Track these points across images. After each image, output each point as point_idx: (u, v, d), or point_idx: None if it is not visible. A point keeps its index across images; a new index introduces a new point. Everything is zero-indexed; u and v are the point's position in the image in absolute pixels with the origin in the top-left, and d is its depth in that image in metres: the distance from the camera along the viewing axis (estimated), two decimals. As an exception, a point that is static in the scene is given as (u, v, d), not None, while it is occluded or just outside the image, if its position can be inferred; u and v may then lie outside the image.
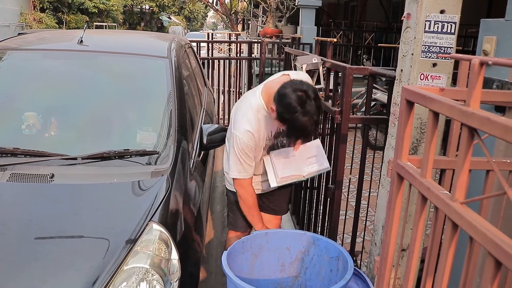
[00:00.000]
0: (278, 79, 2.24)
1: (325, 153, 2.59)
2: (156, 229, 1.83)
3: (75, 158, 2.11)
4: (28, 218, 1.82)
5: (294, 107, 1.95)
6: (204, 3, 16.20)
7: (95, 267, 1.64)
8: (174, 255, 1.83)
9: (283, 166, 2.34)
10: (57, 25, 18.05)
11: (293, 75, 2.27)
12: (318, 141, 2.45)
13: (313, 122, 2.00)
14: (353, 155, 2.70)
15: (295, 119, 1.97)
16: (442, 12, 1.63)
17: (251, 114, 2.19)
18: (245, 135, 2.16)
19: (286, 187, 2.59)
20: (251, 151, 2.22)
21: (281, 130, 2.32)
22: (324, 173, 2.73)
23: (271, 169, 2.34)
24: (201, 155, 2.70)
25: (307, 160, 2.38)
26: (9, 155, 2.13)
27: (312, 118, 1.98)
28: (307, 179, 2.48)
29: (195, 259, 2.12)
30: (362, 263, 2.85)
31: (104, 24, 21.82)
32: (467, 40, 8.99)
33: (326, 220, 2.75)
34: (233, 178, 2.31)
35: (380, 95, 5.92)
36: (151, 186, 2.03)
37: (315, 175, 2.47)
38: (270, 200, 2.62)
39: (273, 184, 2.33)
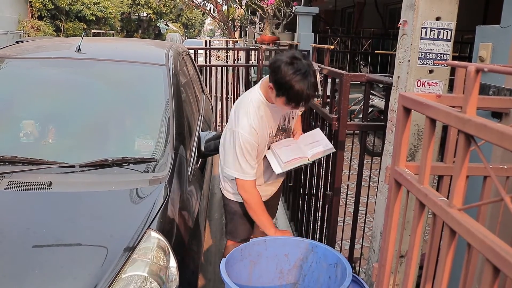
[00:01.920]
0: None
1: (323, 160, 2.59)
2: (154, 236, 1.83)
3: (73, 166, 2.11)
4: (26, 226, 1.81)
5: (284, 68, 1.99)
6: (201, 10, 16.26)
7: (93, 275, 1.63)
8: (172, 263, 1.83)
9: (285, 152, 2.29)
10: (55, 33, 18.09)
11: None
12: (318, 129, 2.45)
13: (308, 82, 2.00)
14: (350, 162, 2.71)
15: (288, 80, 1.98)
16: (438, 19, 1.64)
17: (252, 111, 2.17)
18: (248, 132, 2.14)
19: (277, 197, 2.61)
20: (253, 149, 2.18)
21: (280, 127, 2.32)
22: (322, 180, 2.73)
23: (274, 158, 2.29)
24: (199, 162, 2.70)
25: (310, 145, 2.33)
26: (7, 163, 2.13)
27: (306, 77, 1.99)
28: (313, 161, 2.38)
29: (194, 266, 2.11)
30: (360, 269, 2.84)
31: (102, 31, 21.87)
32: (464, 46, 9.04)
33: (325, 226, 2.75)
34: (236, 183, 2.26)
35: (377, 102, 5.94)
36: (149, 193, 2.03)
37: (320, 156, 2.38)
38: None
39: (278, 170, 2.26)
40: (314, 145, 2.34)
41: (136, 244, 1.77)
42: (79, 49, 2.82)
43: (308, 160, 2.29)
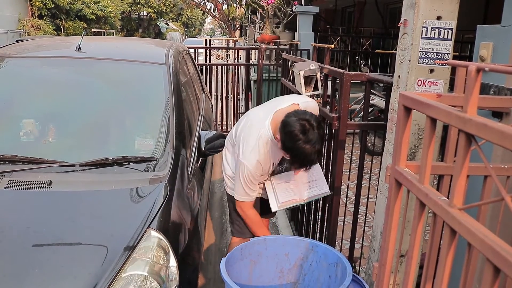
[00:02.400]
0: (286, 108, 2.26)
1: (323, 158, 2.59)
2: (155, 236, 1.83)
3: (73, 165, 2.11)
4: (26, 226, 1.81)
5: (296, 135, 2.01)
6: (201, 10, 16.25)
7: (93, 274, 1.63)
8: (173, 262, 1.83)
9: (283, 191, 2.42)
10: (55, 32, 18.08)
11: (302, 104, 2.33)
12: (317, 165, 2.47)
13: (315, 151, 2.05)
14: (351, 161, 2.70)
15: (297, 147, 2.03)
16: (438, 18, 1.64)
17: (261, 146, 2.23)
18: (254, 166, 2.23)
19: None
20: (257, 180, 2.30)
21: (283, 158, 2.37)
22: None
23: (272, 194, 2.42)
24: (199, 161, 2.70)
25: (307, 184, 2.44)
26: (7, 162, 2.13)
27: (315, 147, 2.03)
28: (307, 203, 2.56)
29: (194, 266, 2.11)
30: (361, 269, 2.84)
31: (102, 30, 21.86)
32: (464, 45, 9.03)
33: (325, 226, 2.75)
34: (235, 202, 2.40)
35: (377, 101, 5.94)
36: (149, 193, 2.03)
37: (314, 199, 2.54)
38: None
39: (274, 208, 2.41)
40: (312, 185, 2.44)
41: (136, 243, 1.77)
42: (79, 48, 2.82)
43: (304, 201, 2.45)
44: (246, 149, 2.26)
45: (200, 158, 2.71)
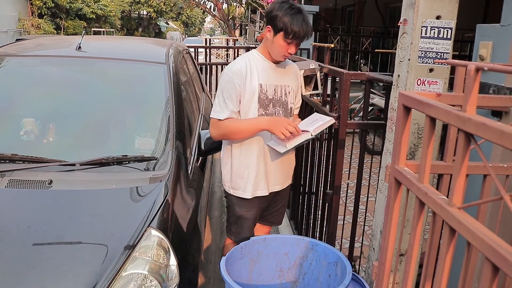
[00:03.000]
0: None
1: (323, 158, 2.59)
2: (155, 235, 1.83)
3: (73, 164, 2.11)
4: (26, 224, 1.82)
5: (281, 6, 2.19)
6: (201, 9, 16.25)
7: (93, 273, 1.64)
8: (173, 261, 1.83)
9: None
10: (55, 31, 18.09)
11: None
12: (315, 113, 2.43)
13: (302, 15, 2.18)
14: (350, 160, 2.71)
15: (286, 13, 2.16)
16: (438, 18, 1.64)
17: (243, 59, 2.32)
18: (233, 72, 2.25)
19: (283, 201, 2.60)
20: (234, 91, 2.24)
21: (278, 98, 2.34)
22: (322, 178, 2.73)
23: (276, 140, 2.28)
24: (199, 160, 2.70)
25: (310, 124, 2.30)
26: (7, 161, 2.13)
27: (300, 12, 2.18)
28: (315, 136, 2.31)
29: (194, 265, 2.12)
30: (360, 268, 2.85)
31: (102, 29, 21.87)
32: (464, 44, 9.03)
33: (325, 225, 2.75)
34: (210, 123, 2.33)
35: (377, 100, 5.94)
36: (150, 192, 2.03)
37: (323, 129, 2.33)
38: (269, 214, 2.62)
39: (283, 149, 2.24)
40: (314, 123, 2.31)
41: (137, 242, 1.77)
42: (80, 47, 2.82)
43: (311, 135, 2.24)
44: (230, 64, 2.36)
45: (200, 158, 2.72)
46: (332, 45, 6.20)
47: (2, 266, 1.63)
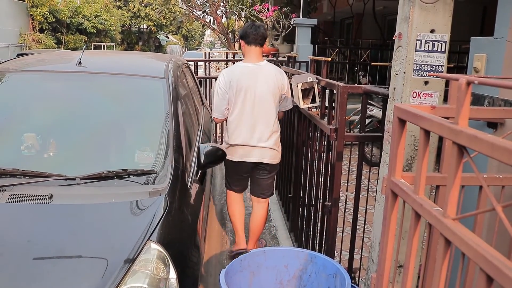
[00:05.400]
0: None
1: (321, 170, 2.61)
2: (154, 248, 1.84)
3: (73, 179, 2.12)
4: (27, 239, 1.82)
5: (244, 27, 3.30)
6: (201, 22, 16.36)
7: (94, 286, 1.64)
8: (172, 274, 1.83)
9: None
10: (56, 45, 18.20)
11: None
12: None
13: (255, 26, 3.18)
14: (349, 171, 2.72)
15: (244, 29, 3.24)
16: (432, 31, 1.67)
17: (228, 69, 3.22)
18: (219, 78, 3.17)
19: (271, 178, 3.28)
20: (221, 90, 3.13)
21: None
22: (321, 190, 2.74)
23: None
24: (199, 174, 2.71)
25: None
26: (8, 176, 2.14)
27: (251, 26, 3.19)
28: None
29: (194, 278, 2.12)
30: (360, 279, 2.84)
31: (102, 44, 22.01)
32: (461, 56, 9.08)
33: (324, 237, 2.75)
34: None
35: (376, 112, 5.96)
36: (149, 205, 2.04)
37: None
38: (259, 187, 3.27)
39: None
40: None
41: (136, 256, 1.77)
42: (80, 62, 2.85)
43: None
44: None
45: (200, 171, 2.73)
46: (329, 59, 6.24)
47: (3, 280, 1.63)
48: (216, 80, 3.23)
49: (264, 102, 3.02)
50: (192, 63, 6.15)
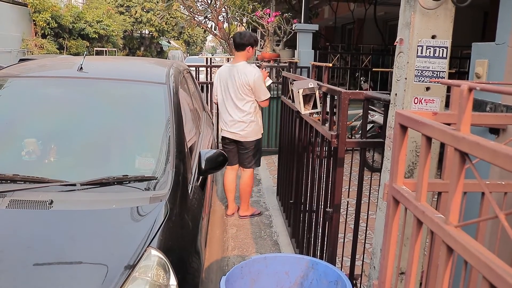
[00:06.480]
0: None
1: (323, 176, 2.60)
2: (155, 254, 1.83)
3: (74, 184, 2.12)
4: (27, 245, 1.82)
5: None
6: (202, 28, 16.41)
7: (93, 294, 1.63)
8: (173, 281, 1.82)
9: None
10: (58, 51, 18.27)
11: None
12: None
13: (238, 35, 4.09)
14: (350, 177, 2.71)
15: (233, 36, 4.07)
16: (433, 37, 1.66)
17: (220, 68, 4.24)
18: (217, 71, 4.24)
19: (248, 153, 4.16)
20: (215, 82, 4.22)
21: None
22: (322, 196, 2.73)
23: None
24: (200, 180, 2.71)
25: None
26: (8, 181, 2.14)
27: (238, 34, 4.08)
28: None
29: (194, 284, 2.10)
30: (362, 286, 2.82)
31: (104, 49, 22.09)
32: (463, 61, 9.09)
33: (325, 243, 2.74)
34: None
35: (377, 117, 5.95)
36: (150, 211, 2.03)
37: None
38: (241, 159, 4.22)
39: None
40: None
41: (136, 262, 1.76)
42: (81, 68, 2.85)
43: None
44: None
45: (201, 177, 2.72)
46: (331, 65, 6.24)
47: (3, 286, 1.63)
48: None
49: (232, 93, 4.00)
50: (193, 68, 6.16)
